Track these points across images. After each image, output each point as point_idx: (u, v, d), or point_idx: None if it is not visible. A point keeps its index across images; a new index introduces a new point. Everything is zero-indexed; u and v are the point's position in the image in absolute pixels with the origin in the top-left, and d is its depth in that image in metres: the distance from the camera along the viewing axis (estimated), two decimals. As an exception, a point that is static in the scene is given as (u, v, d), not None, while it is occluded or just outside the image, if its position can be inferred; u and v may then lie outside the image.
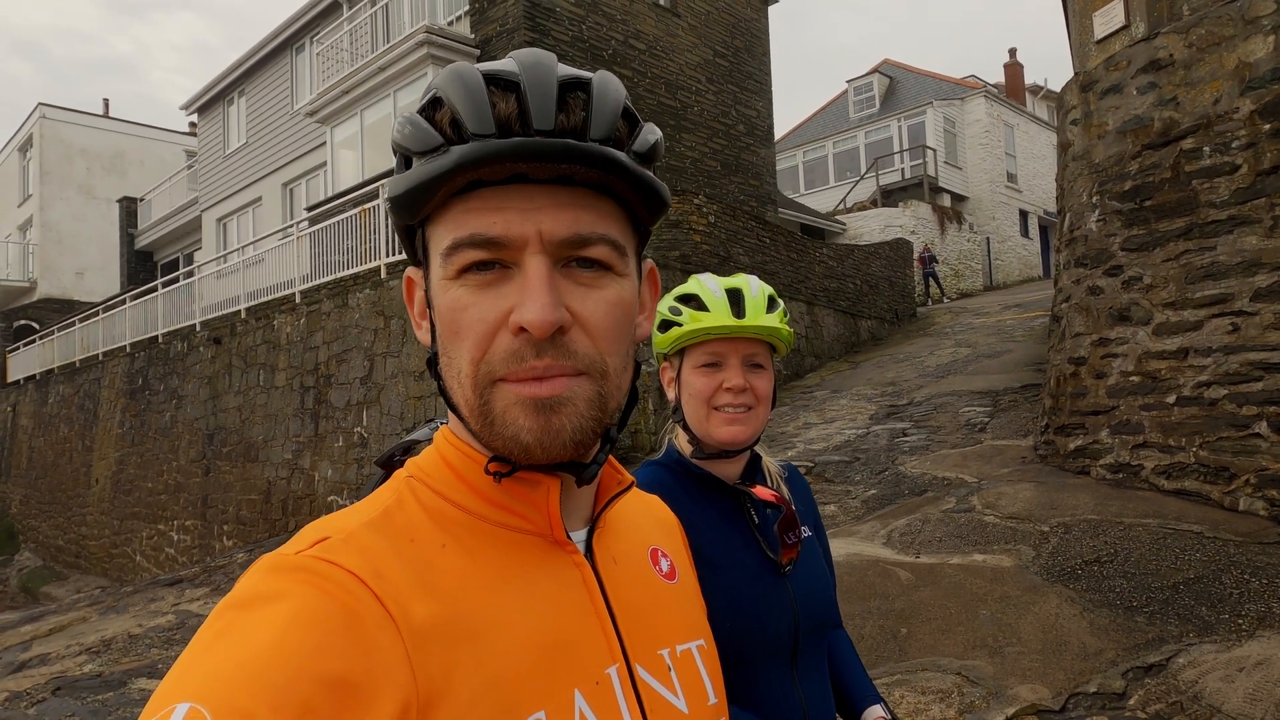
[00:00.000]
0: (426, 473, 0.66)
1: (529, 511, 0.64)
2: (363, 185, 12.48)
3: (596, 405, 0.61)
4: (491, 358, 0.59)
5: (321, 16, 16.15)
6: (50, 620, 6.76)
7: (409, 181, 0.59)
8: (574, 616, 0.63)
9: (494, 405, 0.60)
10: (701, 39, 15.05)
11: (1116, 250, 5.53)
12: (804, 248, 13.05)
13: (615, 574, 0.69)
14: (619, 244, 0.62)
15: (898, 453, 7.01)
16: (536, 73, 0.59)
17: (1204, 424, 4.85)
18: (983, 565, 4.46)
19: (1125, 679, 3.29)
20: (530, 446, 0.59)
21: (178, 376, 13.29)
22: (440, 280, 0.61)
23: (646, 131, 0.64)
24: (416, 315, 0.68)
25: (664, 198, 0.64)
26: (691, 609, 0.78)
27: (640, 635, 0.68)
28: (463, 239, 0.59)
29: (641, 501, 0.85)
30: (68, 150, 25.30)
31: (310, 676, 0.48)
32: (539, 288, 0.58)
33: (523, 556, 0.63)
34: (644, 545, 0.77)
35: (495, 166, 0.57)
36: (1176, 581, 3.95)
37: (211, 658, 0.49)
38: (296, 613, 0.51)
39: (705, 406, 1.24)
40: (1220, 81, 4.99)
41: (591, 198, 0.61)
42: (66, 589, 14.14)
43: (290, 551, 0.56)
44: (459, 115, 0.58)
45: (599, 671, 0.62)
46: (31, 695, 4.60)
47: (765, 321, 1.24)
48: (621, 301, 0.63)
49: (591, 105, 0.60)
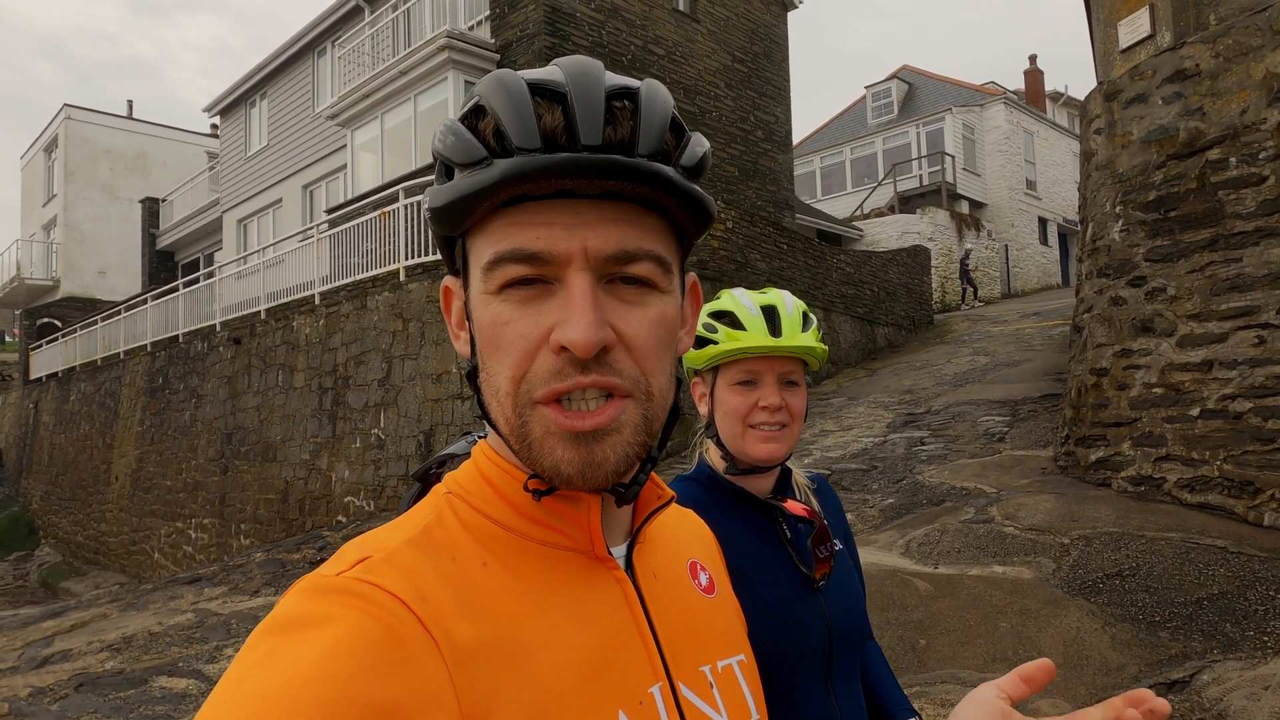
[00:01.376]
0: (466, 489, 0.65)
1: (570, 529, 0.63)
2: (383, 188, 12.57)
3: (642, 430, 0.60)
4: (532, 377, 0.58)
5: (343, 20, 16.30)
6: (72, 616, 6.84)
7: (451, 194, 0.58)
8: (616, 634, 0.62)
9: (532, 430, 0.58)
10: (721, 44, 15.06)
11: (1140, 261, 5.49)
12: (821, 254, 13.02)
13: (656, 589, 0.68)
14: (665, 260, 0.61)
15: (915, 462, 6.98)
16: (583, 83, 0.57)
17: (1228, 437, 4.80)
18: (1002, 577, 4.43)
19: (1148, 695, 3.26)
20: (572, 478, 0.58)
21: (197, 376, 13.42)
22: (480, 294, 0.60)
23: (694, 144, 0.62)
24: (454, 325, 0.67)
25: (711, 212, 0.63)
26: (731, 623, 0.77)
27: (683, 652, 0.67)
28: (505, 253, 0.57)
29: (678, 515, 0.83)
30: (92, 151, 25.65)
31: (355, 703, 0.47)
32: (583, 306, 0.56)
33: (564, 573, 0.62)
34: (683, 559, 0.76)
35: (541, 182, 0.56)
36: (1200, 597, 3.91)
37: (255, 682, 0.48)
38: (341, 637, 0.50)
39: (741, 424, 1.24)
40: (1247, 92, 4.95)
41: (638, 213, 0.59)
42: (85, 585, 14.29)
43: (332, 573, 0.55)
44: (503, 126, 0.56)
45: (642, 691, 0.61)
46: (54, 691, 4.66)
47: (801, 341, 1.25)
48: (665, 319, 0.61)
49: (640, 117, 0.58)
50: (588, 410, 0.57)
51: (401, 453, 9.04)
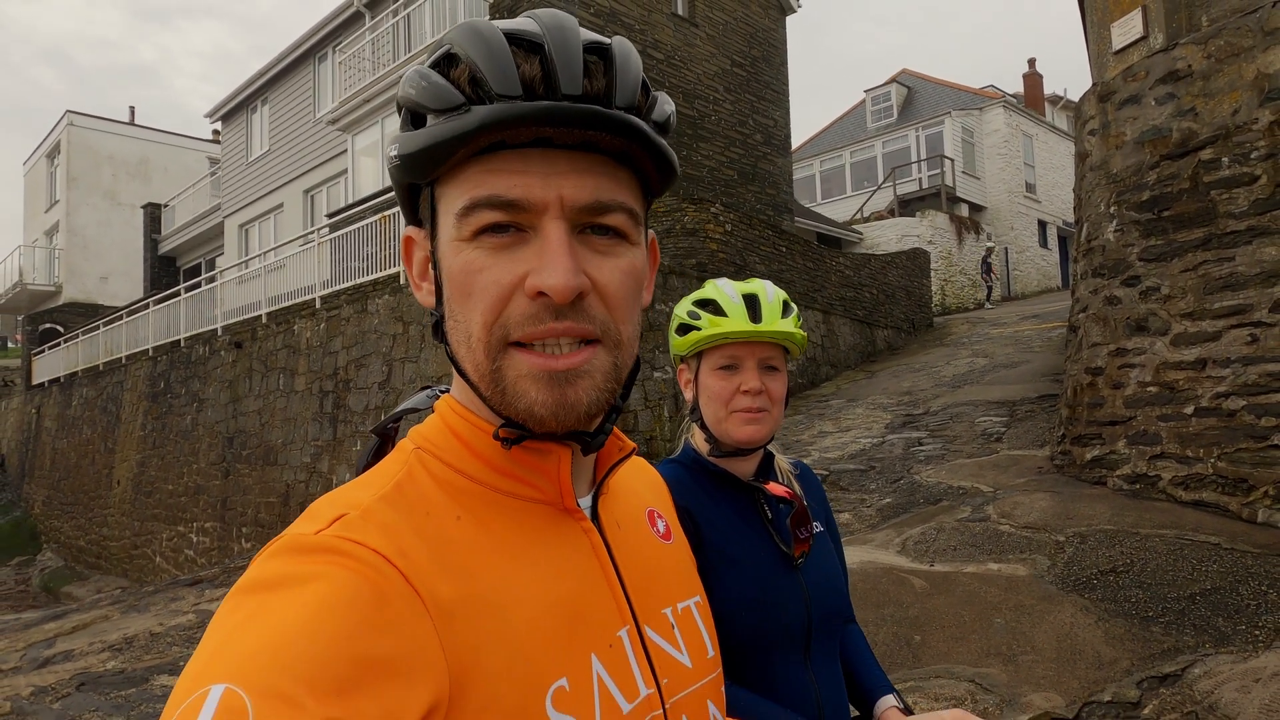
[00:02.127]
0: (434, 443, 0.65)
1: (539, 480, 0.64)
2: (383, 193, 12.63)
3: (611, 377, 0.61)
4: (506, 320, 0.58)
5: (344, 26, 16.38)
6: (73, 618, 6.87)
7: (427, 139, 0.57)
8: (586, 582, 0.64)
9: (506, 373, 0.59)
10: (719, 49, 15.13)
11: (1134, 260, 5.52)
12: (820, 257, 13.05)
13: (620, 538, 0.70)
14: (635, 212, 0.62)
15: (913, 462, 7.01)
16: (561, 35, 0.58)
17: (1222, 435, 4.83)
18: (997, 574, 4.46)
19: (1140, 689, 3.29)
20: (544, 419, 0.59)
21: (199, 380, 13.47)
22: (452, 241, 0.60)
23: (663, 102, 0.63)
24: (416, 276, 0.67)
25: (676, 169, 0.64)
26: (687, 566, 0.80)
27: (646, 596, 0.69)
28: (481, 199, 0.58)
29: (634, 466, 0.84)
30: (94, 157, 25.75)
31: (347, 658, 0.47)
32: (560, 252, 0.57)
33: (535, 525, 0.64)
34: (641, 508, 0.78)
35: (520, 129, 0.56)
36: (1193, 592, 3.94)
37: (244, 639, 0.47)
38: (329, 594, 0.50)
39: (723, 407, 1.28)
40: (1239, 92, 4.99)
41: (610, 165, 0.60)
42: (87, 589, 14.32)
43: (310, 531, 0.55)
44: (480, 74, 0.56)
45: (612, 634, 0.64)
46: (56, 690, 4.69)
47: (781, 326, 1.29)
48: (634, 270, 0.63)
49: (615, 71, 0.59)
50: (561, 353, 0.59)
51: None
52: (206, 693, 0.44)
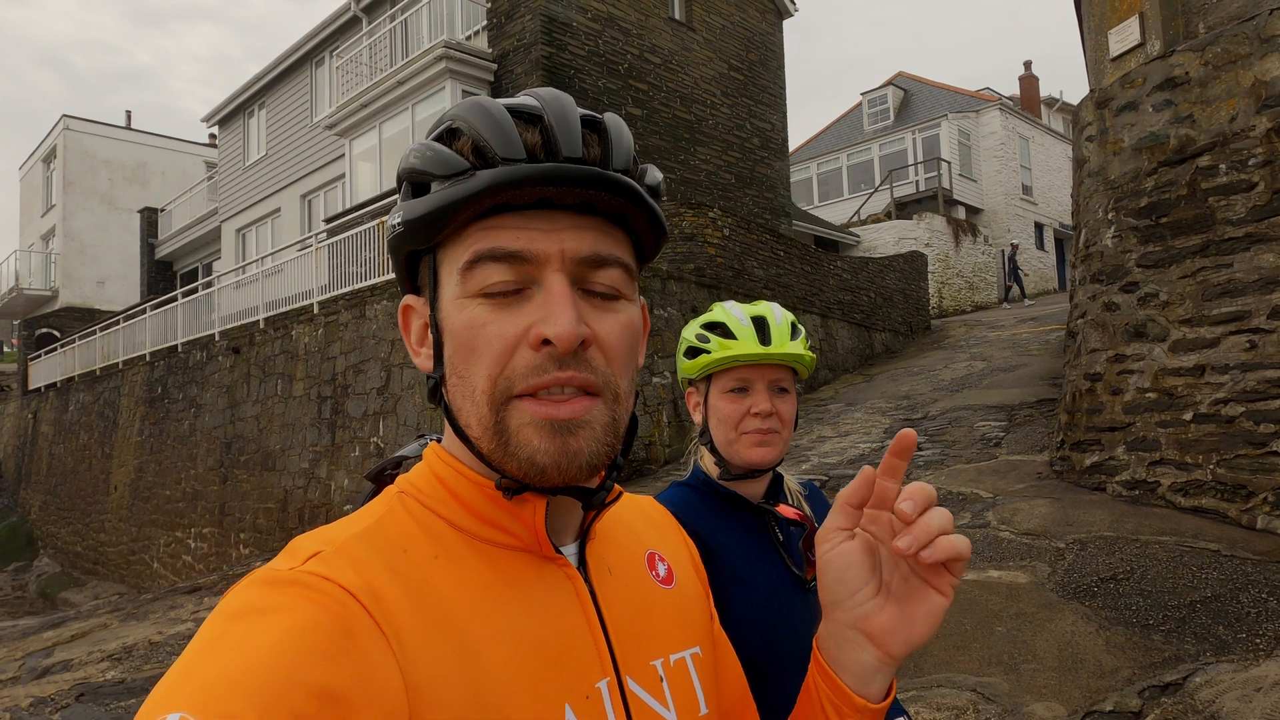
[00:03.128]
0: (419, 488, 0.66)
1: (517, 528, 0.64)
2: (381, 197, 12.62)
3: (611, 430, 0.62)
4: (511, 373, 0.59)
5: (341, 31, 16.38)
6: (72, 626, 6.85)
7: (433, 204, 0.60)
8: (566, 630, 0.63)
9: (509, 423, 0.60)
10: (716, 53, 15.15)
11: (1132, 266, 5.54)
12: (818, 260, 13.07)
13: (609, 584, 0.69)
14: (630, 269, 0.65)
15: (912, 467, 7.02)
16: (559, 106, 0.61)
17: (1221, 441, 4.84)
18: (998, 581, 4.46)
19: (1141, 697, 3.29)
20: (547, 468, 0.59)
21: (196, 385, 13.45)
22: (455, 299, 0.62)
23: (652, 171, 0.67)
24: (414, 344, 0.68)
25: (666, 232, 0.67)
26: (690, 614, 0.77)
27: (632, 646, 0.68)
28: (484, 252, 0.60)
29: (637, 508, 0.83)
30: (91, 161, 25.71)
31: (301, 687, 0.48)
32: (563, 302, 0.59)
33: (514, 571, 0.64)
34: (640, 551, 0.77)
35: (525, 190, 0.58)
36: (1193, 600, 3.95)
37: (203, 667, 0.49)
38: (289, 625, 0.51)
39: (733, 430, 1.28)
40: (1236, 99, 5.01)
41: (607, 226, 0.63)
42: (84, 595, 14.28)
43: (284, 567, 0.56)
44: (483, 142, 0.59)
45: (589, 685, 0.62)
46: (56, 701, 4.68)
47: (790, 349, 1.29)
48: (632, 325, 0.65)
49: (609, 141, 0.62)
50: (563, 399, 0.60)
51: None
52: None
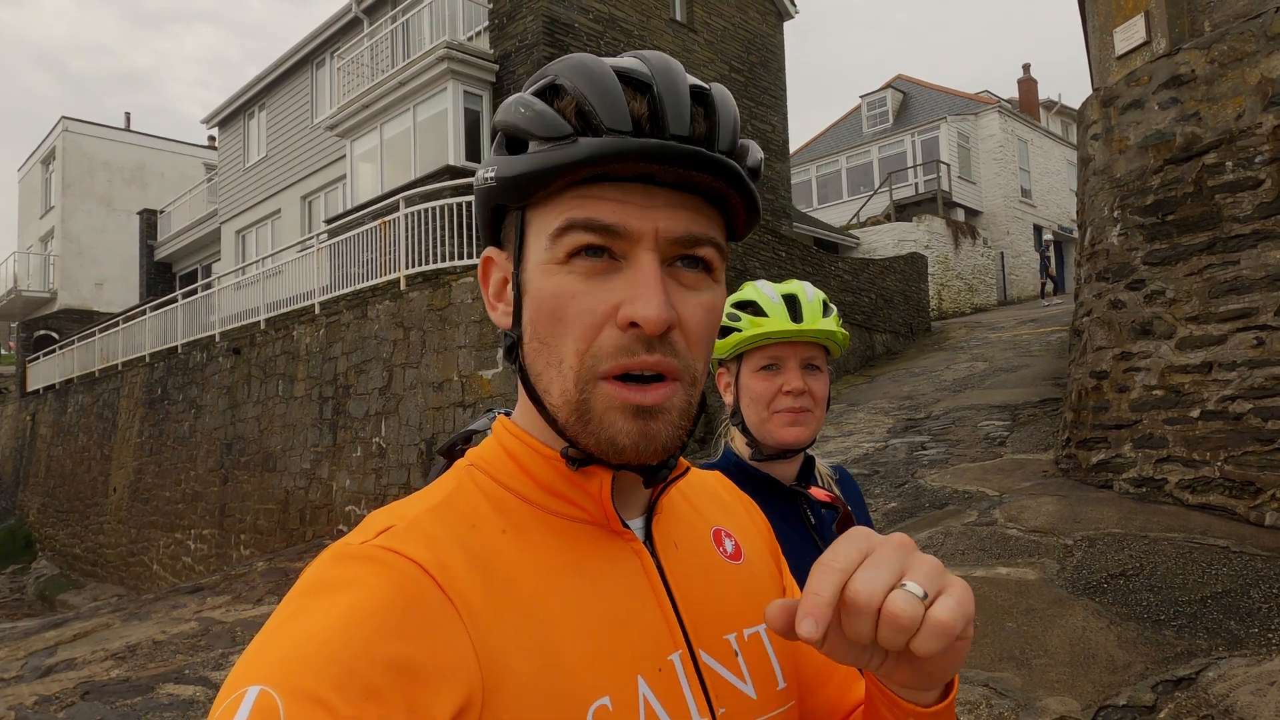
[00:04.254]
0: (488, 461, 0.67)
1: (585, 501, 0.64)
2: (382, 198, 12.60)
3: (686, 414, 0.62)
4: (598, 350, 0.59)
5: (342, 32, 16.37)
6: (74, 626, 6.82)
7: (530, 165, 0.59)
8: (634, 603, 0.63)
9: (594, 404, 0.59)
10: (717, 54, 15.16)
11: (1139, 264, 5.54)
12: (819, 261, 13.08)
13: (676, 559, 0.69)
14: (723, 249, 0.64)
15: (917, 466, 7.01)
16: (669, 77, 0.59)
17: (1229, 438, 4.84)
18: (1007, 578, 4.45)
19: (1155, 692, 3.28)
20: (625, 449, 0.60)
21: (196, 386, 13.41)
22: (542, 263, 0.61)
23: (754, 150, 0.65)
24: (492, 297, 0.68)
25: (760, 213, 0.66)
26: (761, 590, 0.76)
27: (704, 621, 0.67)
28: (578, 221, 0.58)
29: (702, 482, 0.83)
30: (90, 163, 25.67)
31: (374, 659, 0.49)
32: (653, 284, 0.58)
33: (582, 544, 0.64)
34: (706, 527, 0.76)
35: (628, 164, 0.57)
36: (1204, 595, 3.94)
37: (278, 643, 0.50)
38: (362, 599, 0.51)
39: (765, 409, 1.27)
40: (1243, 97, 5.01)
41: (703, 204, 0.62)
42: (83, 597, 14.23)
43: (356, 541, 0.57)
44: (589, 107, 0.58)
45: (662, 658, 0.62)
46: (60, 699, 4.65)
47: (822, 325, 1.28)
48: (715, 308, 0.63)
49: (716, 116, 0.60)
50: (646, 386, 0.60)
51: (403, 461, 9.04)
52: (244, 694, 0.47)
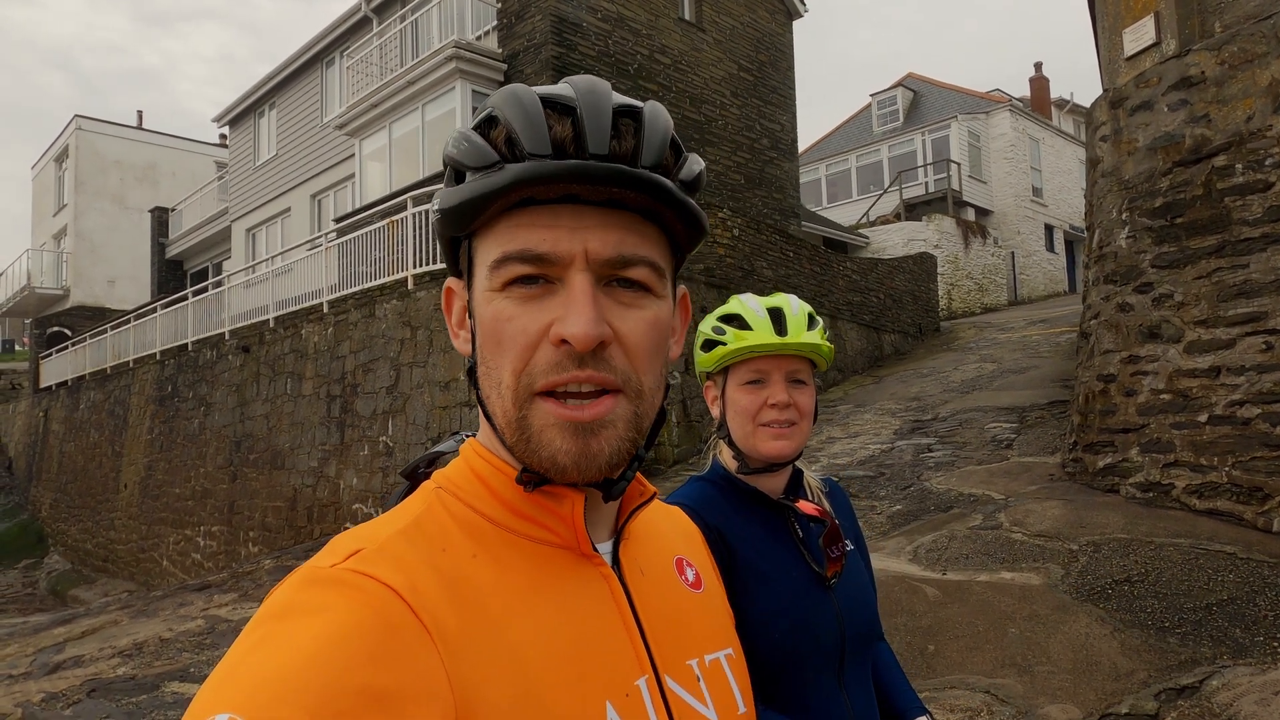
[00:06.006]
0: (456, 484, 0.67)
1: (555, 524, 0.65)
2: (391, 197, 12.64)
3: (633, 426, 0.62)
4: (533, 369, 0.60)
5: (351, 31, 16.42)
6: (82, 623, 6.87)
7: (462, 195, 0.61)
8: (603, 628, 0.64)
9: (533, 422, 0.60)
10: (726, 53, 15.13)
11: (1147, 267, 5.49)
12: (827, 261, 13.03)
13: (642, 584, 0.69)
14: (659, 267, 0.64)
15: (923, 468, 6.98)
16: (591, 99, 0.61)
17: (1237, 443, 4.80)
18: (1011, 583, 4.43)
19: (1158, 700, 3.26)
20: (567, 468, 0.60)
21: (206, 384, 13.49)
22: (484, 291, 0.62)
23: (691, 162, 0.66)
24: (454, 325, 0.70)
25: (704, 226, 0.66)
26: (718, 617, 0.78)
27: (669, 646, 0.68)
28: (512, 253, 0.60)
29: (664, 513, 0.84)
30: (102, 161, 25.85)
31: (349, 688, 0.48)
32: (583, 302, 0.59)
33: (551, 568, 0.64)
34: (669, 555, 0.77)
35: (549, 186, 0.59)
36: (1209, 603, 3.91)
37: (249, 668, 0.49)
38: (335, 626, 0.51)
39: (751, 422, 1.27)
40: (1253, 99, 4.96)
41: (637, 221, 0.62)
42: (94, 592, 14.34)
43: (325, 565, 0.56)
44: (515, 134, 0.60)
45: (629, 683, 0.62)
46: (67, 696, 4.69)
47: (807, 339, 1.27)
48: (658, 322, 0.64)
49: (643, 133, 0.61)
50: (584, 404, 0.60)
51: (410, 460, 9.06)
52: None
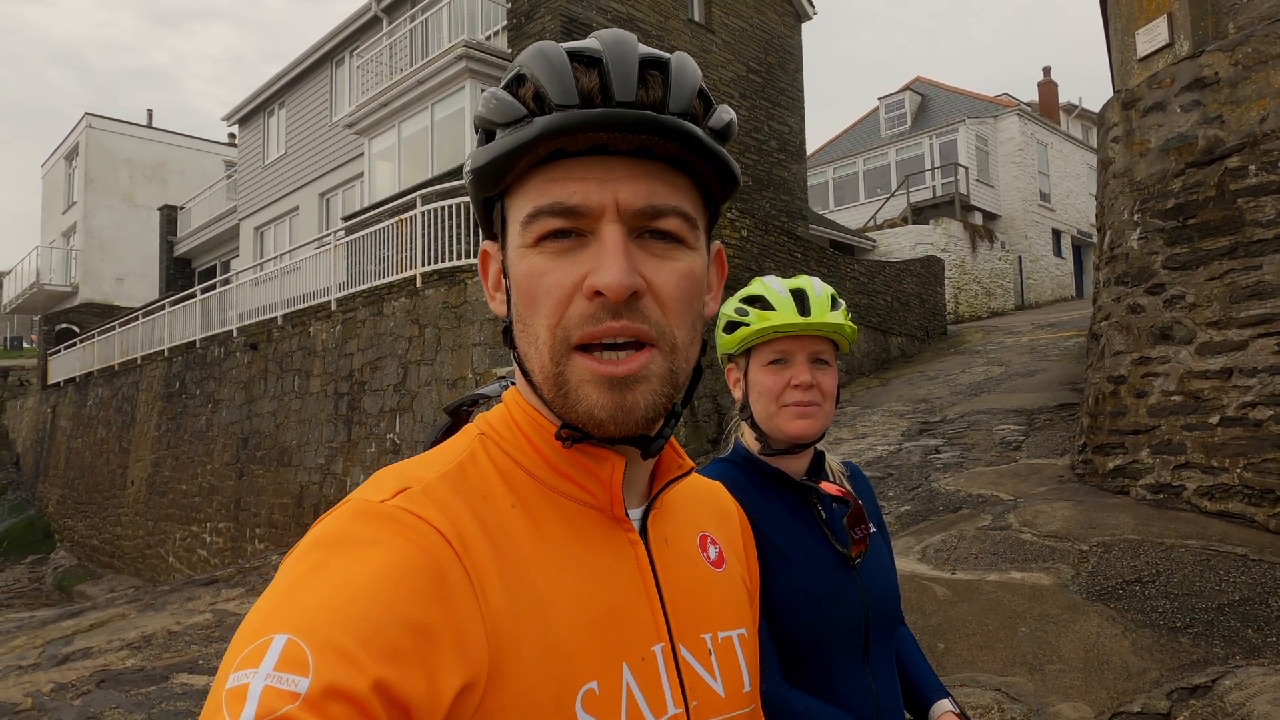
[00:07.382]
0: (499, 432, 0.67)
1: (592, 485, 0.65)
2: (399, 196, 12.67)
3: (668, 381, 0.62)
4: (568, 322, 0.60)
5: (361, 30, 16.48)
6: (90, 616, 6.89)
7: (493, 152, 0.61)
8: (627, 592, 0.65)
9: (569, 377, 0.61)
10: (735, 55, 15.14)
11: (1159, 268, 5.48)
12: (835, 263, 13.02)
13: (666, 555, 0.70)
14: (691, 217, 0.63)
15: (931, 469, 6.96)
16: (618, 49, 0.61)
17: (1248, 445, 4.78)
18: (1021, 583, 4.42)
19: (1170, 700, 3.24)
20: (604, 422, 0.60)
21: (214, 381, 13.53)
22: (518, 249, 0.62)
23: (721, 110, 0.65)
24: (490, 287, 0.70)
25: (736, 175, 0.65)
26: (736, 597, 0.78)
27: (686, 617, 0.69)
28: (544, 207, 0.60)
29: (698, 489, 0.84)
30: (112, 159, 25.96)
31: (400, 621, 0.50)
32: (615, 253, 0.59)
33: (583, 528, 0.65)
34: (695, 530, 0.78)
35: (577, 136, 0.58)
36: (1221, 603, 3.89)
37: (306, 593, 0.50)
38: (390, 560, 0.52)
39: (774, 403, 1.27)
40: (1267, 100, 4.94)
41: (667, 172, 0.62)
42: (100, 588, 14.38)
43: (375, 499, 0.57)
44: (542, 88, 0.59)
45: (645, 648, 0.64)
46: (76, 687, 4.70)
47: (830, 319, 1.27)
48: (692, 274, 0.63)
49: (670, 82, 0.61)
50: (619, 359, 0.60)
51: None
52: (270, 640, 0.47)
